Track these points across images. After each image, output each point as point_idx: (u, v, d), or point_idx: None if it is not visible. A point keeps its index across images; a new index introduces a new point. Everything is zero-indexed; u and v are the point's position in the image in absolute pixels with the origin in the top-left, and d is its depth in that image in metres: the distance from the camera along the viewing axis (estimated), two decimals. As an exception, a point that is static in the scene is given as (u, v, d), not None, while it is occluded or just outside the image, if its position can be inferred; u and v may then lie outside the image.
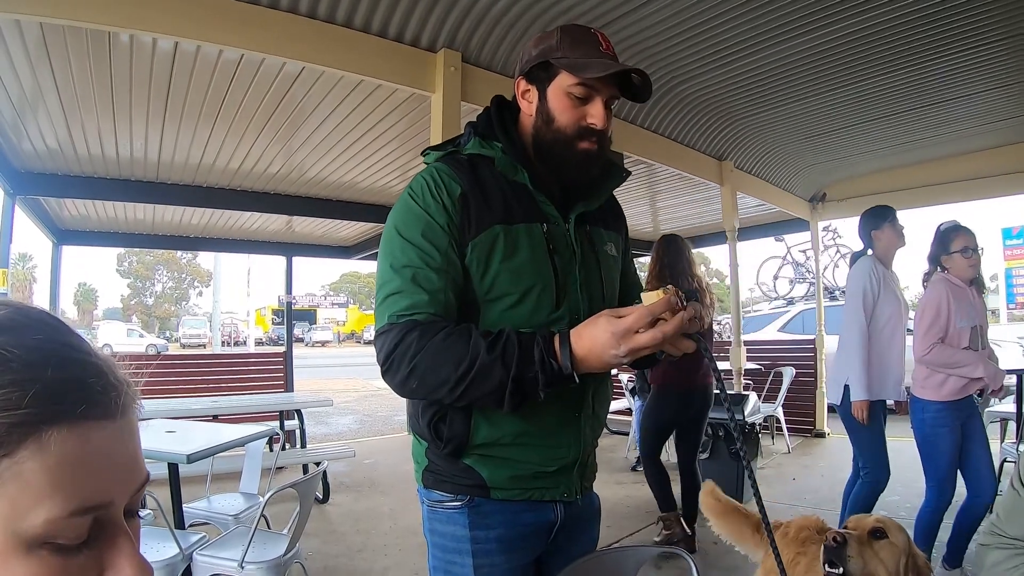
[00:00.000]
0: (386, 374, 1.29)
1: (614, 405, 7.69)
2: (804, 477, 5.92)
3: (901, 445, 6.76)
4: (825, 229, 12.68)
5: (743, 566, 3.02)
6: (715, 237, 8.54)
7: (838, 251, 13.53)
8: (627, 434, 7.00)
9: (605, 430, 8.00)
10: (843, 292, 10.60)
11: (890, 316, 3.43)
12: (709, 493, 2.84)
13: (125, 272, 52.00)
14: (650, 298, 1.16)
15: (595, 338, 1.18)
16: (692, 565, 1.60)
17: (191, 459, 3.01)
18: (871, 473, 3.48)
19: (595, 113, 1.34)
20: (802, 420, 7.65)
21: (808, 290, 13.97)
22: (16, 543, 0.43)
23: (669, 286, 1.17)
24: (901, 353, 3.48)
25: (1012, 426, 5.24)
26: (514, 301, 1.34)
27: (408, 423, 1.48)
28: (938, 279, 3.37)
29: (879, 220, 3.59)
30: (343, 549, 4.25)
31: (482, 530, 1.40)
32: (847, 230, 13.91)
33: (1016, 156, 6.01)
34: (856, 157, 6.34)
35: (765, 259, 16.11)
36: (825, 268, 13.12)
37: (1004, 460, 4.41)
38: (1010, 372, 4.96)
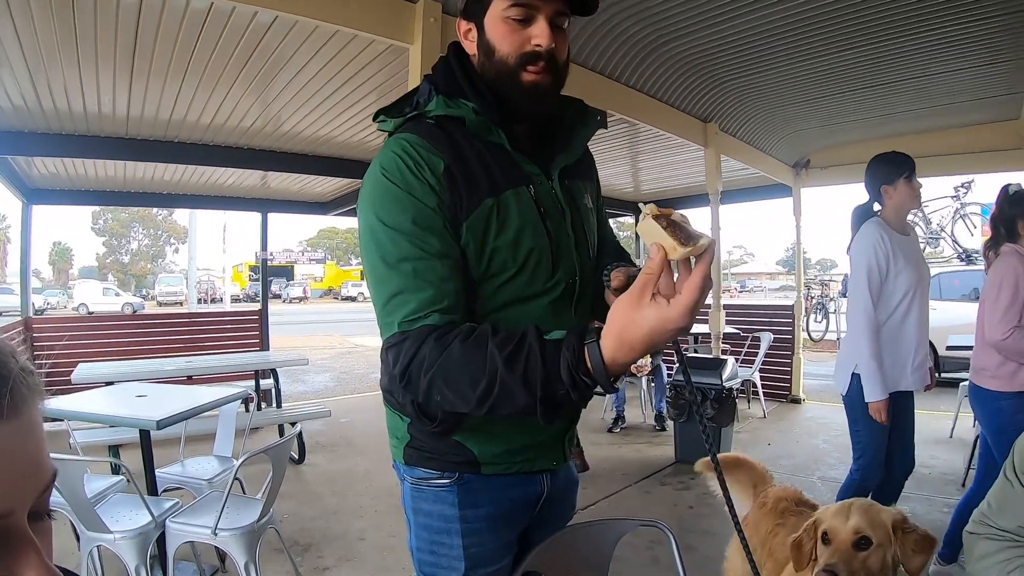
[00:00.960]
0: (405, 388, 1.13)
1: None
2: (780, 442, 5.99)
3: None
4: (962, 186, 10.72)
5: (720, 531, 3.03)
6: (698, 199, 8.47)
7: (960, 210, 11.19)
8: (603, 395, 7.00)
9: None
10: (967, 255, 10.27)
11: (906, 292, 2.90)
12: (707, 464, 2.79)
13: (100, 230, 51.12)
14: (652, 234, 0.92)
15: (648, 337, 0.93)
16: (671, 537, 1.58)
17: (161, 425, 2.94)
18: (864, 472, 3.06)
19: (538, 33, 1.18)
20: (779, 385, 7.73)
21: (939, 250, 11.98)
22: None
23: (669, 212, 0.94)
24: (924, 332, 2.96)
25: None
26: (511, 275, 1.23)
27: (384, 397, 1.37)
28: (1010, 251, 2.86)
29: (893, 174, 2.99)
30: (319, 511, 4.24)
31: (471, 508, 1.33)
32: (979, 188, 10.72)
33: (1005, 134, 6.01)
34: (843, 125, 6.29)
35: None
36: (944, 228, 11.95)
37: (978, 435, 4.39)
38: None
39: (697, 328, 7.01)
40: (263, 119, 5.24)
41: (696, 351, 6.66)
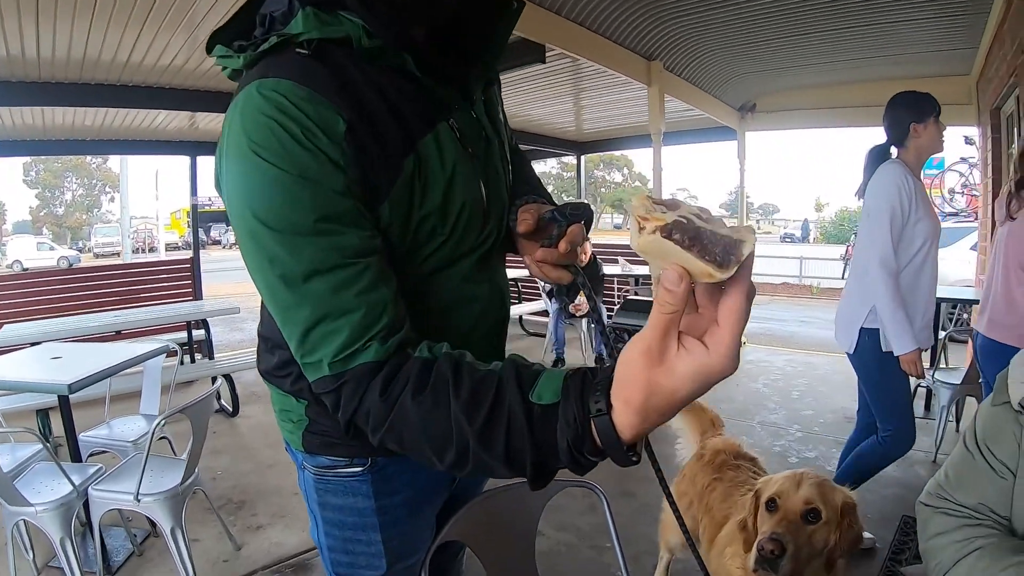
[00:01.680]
0: (355, 438, 0.88)
1: (530, 307, 7.66)
2: (720, 386, 5.88)
3: (816, 360, 7.05)
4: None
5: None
6: (640, 140, 8.38)
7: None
8: (544, 336, 6.98)
9: (523, 331, 8.07)
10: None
11: (924, 241, 2.66)
12: None
13: (33, 182, 48.45)
14: (659, 249, 0.56)
15: (687, 399, 0.63)
16: (603, 499, 1.51)
17: (73, 389, 2.77)
18: (896, 438, 2.77)
19: None
20: (720, 328, 7.78)
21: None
22: None
23: (681, 204, 0.58)
24: (933, 289, 2.74)
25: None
26: (441, 241, 0.96)
27: (264, 375, 1.16)
28: None
29: (926, 111, 2.73)
30: (253, 466, 4.15)
31: (388, 497, 1.12)
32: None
33: (956, 88, 6.04)
34: (791, 70, 6.26)
35: (952, 163, 12.94)
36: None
37: (917, 385, 4.49)
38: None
39: (638, 270, 7.04)
40: (186, 54, 4.89)
41: (636, 293, 6.63)
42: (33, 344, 4.11)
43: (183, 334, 5.89)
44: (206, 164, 7.76)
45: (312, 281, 0.79)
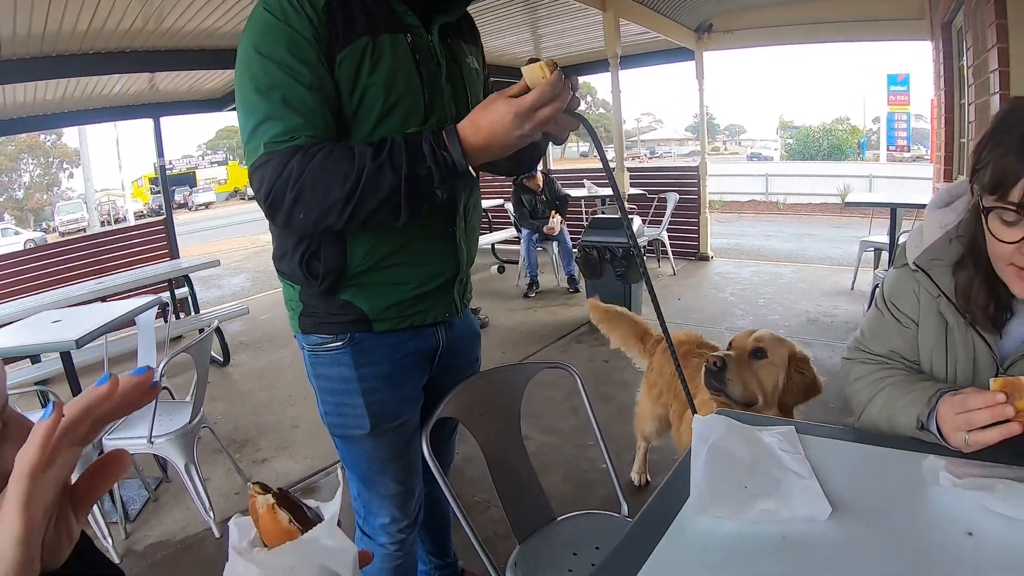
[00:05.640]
0: (269, 209, 1.19)
1: (501, 235, 7.80)
2: (690, 297, 6.32)
3: (781, 270, 7.30)
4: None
5: (633, 381, 3.25)
6: (599, 65, 8.36)
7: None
8: (516, 263, 7.16)
9: (496, 260, 8.23)
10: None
11: None
12: (594, 306, 2.99)
13: (-12, 167, 47.02)
14: (533, 72, 1.10)
15: (495, 123, 1.12)
16: (577, 379, 1.73)
17: (80, 343, 2.92)
18: None
19: None
20: (687, 244, 7.97)
21: None
22: None
23: (549, 59, 1.10)
24: None
25: (885, 255, 5.66)
26: (382, 115, 1.26)
27: (276, 267, 1.44)
28: None
29: None
30: (250, 408, 4.32)
31: (368, 367, 1.40)
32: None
33: (910, 3, 6.10)
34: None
35: None
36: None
37: (875, 286, 4.73)
38: (883, 205, 5.29)
39: (603, 192, 7.22)
40: (144, 17, 4.85)
41: (603, 212, 6.80)
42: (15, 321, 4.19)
43: (165, 293, 5.87)
44: (170, 126, 7.69)
45: (272, 92, 1.17)
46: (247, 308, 5.79)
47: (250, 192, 1.28)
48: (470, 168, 1.19)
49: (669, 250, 7.34)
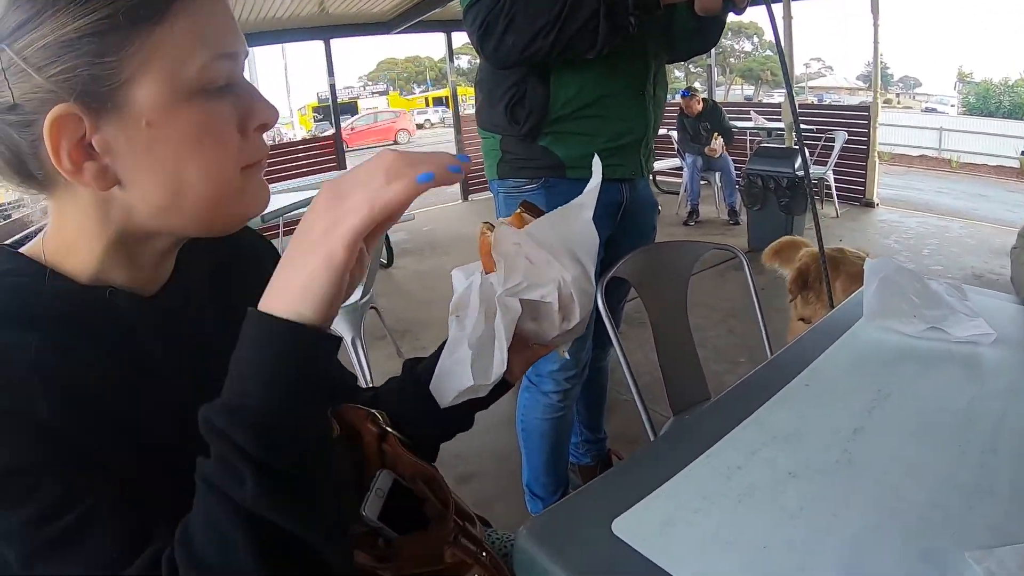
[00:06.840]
0: (483, 38, 1.32)
1: (663, 164, 7.70)
2: (850, 240, 5.94)
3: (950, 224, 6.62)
4: None
5: (787, 308, 3.20)
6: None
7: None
8: (677, 193, 7.07)
9: (657, 189, 8.13)
10: None
11: None
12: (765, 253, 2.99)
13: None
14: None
15: None
16: (742, 257, 1.76)
17: (266, 219, 3.34)
18: None
19: None
20: (852, 188, 7.48)
21: None
22: (179, 95, 0.54)
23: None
24: None
25: None
26: None
27: (479, 122, 1.56)
28: None
29: None
30: (411, 304, 4.59)
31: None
32: None
33: None
34: None
35: None
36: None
37: None
38: None
39: (771, 124, 7.00)
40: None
41: (769, 142, 6.53)
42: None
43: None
44: (336, 56, 7.99)
45: None
46: (413, 215, 6.13)
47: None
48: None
49: (834, 191, 6.94)
